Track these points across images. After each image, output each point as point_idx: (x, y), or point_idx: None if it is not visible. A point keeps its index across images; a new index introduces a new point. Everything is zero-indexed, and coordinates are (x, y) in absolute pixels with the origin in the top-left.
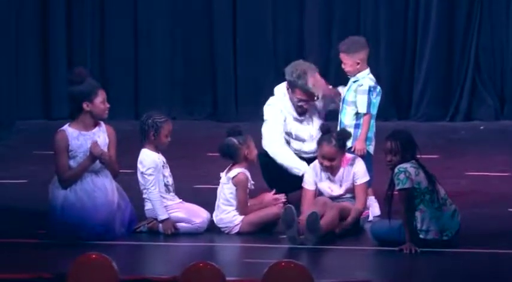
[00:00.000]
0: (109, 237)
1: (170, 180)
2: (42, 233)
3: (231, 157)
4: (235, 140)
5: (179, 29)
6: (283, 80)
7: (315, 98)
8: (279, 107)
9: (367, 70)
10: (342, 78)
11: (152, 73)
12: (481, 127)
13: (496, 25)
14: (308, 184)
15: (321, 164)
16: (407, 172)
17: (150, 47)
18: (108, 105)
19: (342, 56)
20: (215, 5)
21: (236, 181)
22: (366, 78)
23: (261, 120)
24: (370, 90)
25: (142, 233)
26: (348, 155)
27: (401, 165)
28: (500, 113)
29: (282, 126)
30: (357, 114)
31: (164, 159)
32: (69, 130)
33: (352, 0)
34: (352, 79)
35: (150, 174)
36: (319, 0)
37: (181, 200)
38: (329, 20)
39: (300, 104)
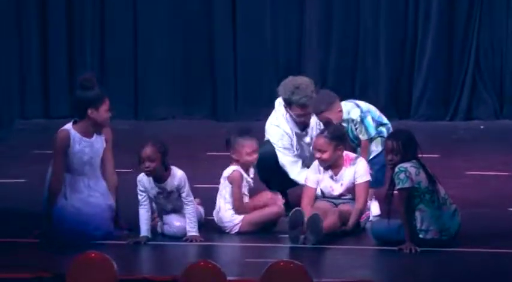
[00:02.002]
0: (107, 239)
1: (169, 207)
2: (40, 233)
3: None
4: (231, 138)
5: (179, 29)
6: (282, 81)
7: (313, 109)
8: (283, 128)
9: (345, 104)
10: (341, 78)
11: (152, 73)
12: (481, 126)
13: (496, 24)
14: (310, 182)
15: (315, 156)
16: (407, 172)
17: (150, 47)
18: (110, 114)
19: (324, 115)
20: (215, 5)
21: (230, 179)
22: (350, 112)
23: (259, 120)
24: (362, 119)
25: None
26: (351, 155)
27: (401, 165)
28: (500, 113)
29: (292, 149)
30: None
31: (168, 189)
32: (72, 132)
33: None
34: (343, 122)
35: (139, 194)
36: (319, 0)
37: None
38: (329, 19)
39: (299, 120)
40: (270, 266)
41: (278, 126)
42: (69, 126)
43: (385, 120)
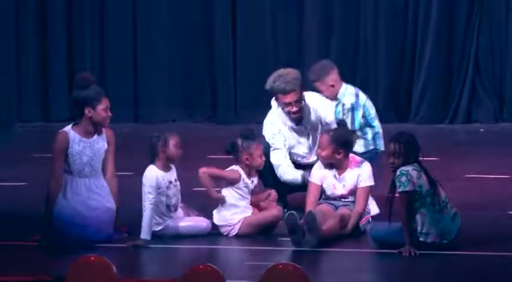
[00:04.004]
0: (107, 242)
1: (174, 200)
2: (40, 236)
3: (234, 156)
4: (239, 142)
5: (179, 32)
6: None
7: (297, 95)
8: (277, 125)
9: (343, 86)
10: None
11: (152, 76)
12: (481, 129)
13: (495, 27)
14: (315, 178)
15: (317, 151)
16: (409, 175)
17: (150, 50)
18: (110, 114)
19: (316, 85)
20: (215, 8)
21: (228, 174)
22: (345, 96)
23: (259, 123)
24: (353, 108)
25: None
26: (357, 158)
27: (403, 168)
28: (499, 116)
29: (286, 149)
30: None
31: (174, 178)
32: (71, 133)
33: (352, 2)
34: (335, 102)
35: (149, 193)
36: (319, 2)
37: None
38: (329, 22)
39: (287, 109)
40: (268, 269)
41: (272, 123)
42: (68, 128)
43: (375, 123)
